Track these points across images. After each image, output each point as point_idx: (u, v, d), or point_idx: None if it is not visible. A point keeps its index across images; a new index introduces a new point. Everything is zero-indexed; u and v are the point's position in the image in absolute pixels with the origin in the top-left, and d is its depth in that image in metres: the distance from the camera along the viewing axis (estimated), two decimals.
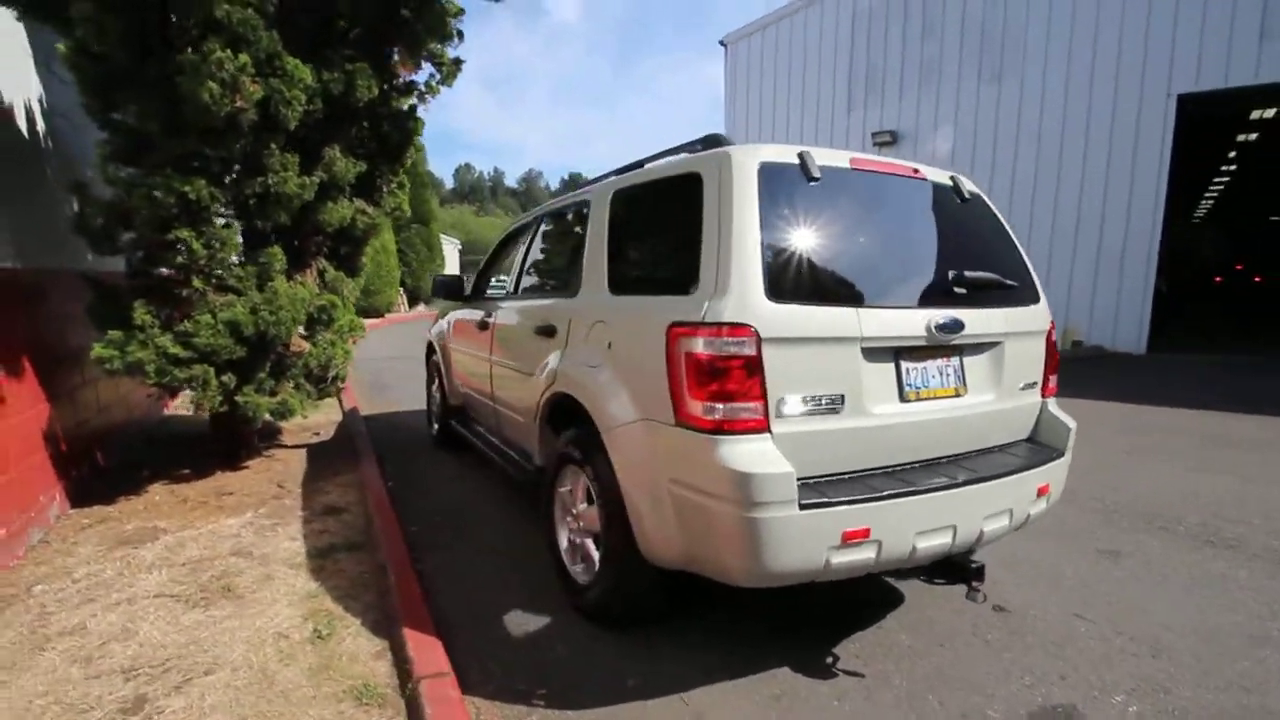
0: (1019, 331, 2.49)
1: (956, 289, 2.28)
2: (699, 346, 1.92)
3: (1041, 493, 2.39)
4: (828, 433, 2.01)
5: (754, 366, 1.89)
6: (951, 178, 2.58)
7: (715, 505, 1.90)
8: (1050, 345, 2.64)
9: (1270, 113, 12.82)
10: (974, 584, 2.24)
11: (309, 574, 2.79)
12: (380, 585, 2.68)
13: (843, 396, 2.02)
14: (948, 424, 2.27)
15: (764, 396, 1.90)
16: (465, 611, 2.59)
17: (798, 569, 1.90)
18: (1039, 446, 2.56)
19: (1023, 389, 2.53)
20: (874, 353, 2.10)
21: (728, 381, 1.88)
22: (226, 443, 4.17)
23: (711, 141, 2.44)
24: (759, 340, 1.89)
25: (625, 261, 2.58)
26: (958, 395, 2.31)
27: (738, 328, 1.89)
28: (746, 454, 1.85)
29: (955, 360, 2.33)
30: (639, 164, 3.01)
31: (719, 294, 1.94)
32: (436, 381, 5.18)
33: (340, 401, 6.43)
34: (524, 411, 3.15)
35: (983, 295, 2.38)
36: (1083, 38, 10.91)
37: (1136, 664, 2.33)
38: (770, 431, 1.91)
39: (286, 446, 4.86)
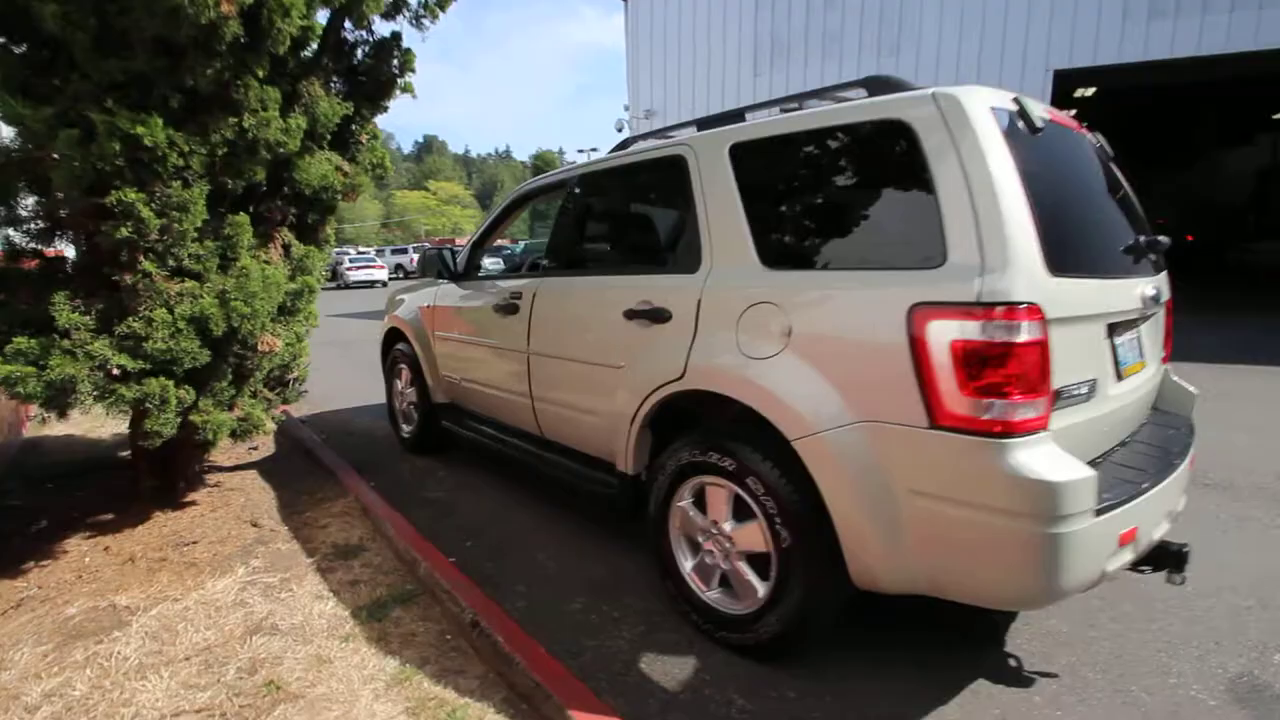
0: (1165, 299, 2.41)
1: (1151, 255, 2.11)
2: (972, 332, 1.57)
3: (1190, 465, 2.34)
4: (1082, 424, 1.76)
5: (1042, 353, 1.58)
6: (1097, 134, 2.41)
7: (996, 520, 1.58)
8: (1170, 311, 2.60)
9: (1090, 91, 14.48)
10: (1182, 569, 2.13)
11: (374, 646, 2.12)
12: (479, 647, 2.09)
13: (1095, 381, 1.78)
14: (1139, 400, 2.13)
15: (1049, 389, 1.60)
16: (594, 667, 2.09)
17: (1080, 583, 1.65)
18: (1167, 415, 2.52)
19: (1159, 357, 2.47)
20: (1108, 329, 1.88)
21: (1011, 372, 1.56)
22: (156, 474, 3.19)
23: (879, 84, 2.04)
24: (1045, 322, 1.58)
25: (784, 229, 2.14)
26: (1142, 369, 2.17)
27: (1023, 308, 1.56)
28: (1040, 458, 1.55)
29: (1137, 332, 2.18)
30: (735, 114, 2.54)
31: (991, 269, 1.58)
32: (405, 376, 4.39)
33: None
34: (606, 413, 2.63)
35: (1153, 262, 2.25)
36: (972, 12, 11.58)
37: (1261, 618, 2.38)
38: (1049, 429, 1.62)
39: (225, 469, 3.86)
